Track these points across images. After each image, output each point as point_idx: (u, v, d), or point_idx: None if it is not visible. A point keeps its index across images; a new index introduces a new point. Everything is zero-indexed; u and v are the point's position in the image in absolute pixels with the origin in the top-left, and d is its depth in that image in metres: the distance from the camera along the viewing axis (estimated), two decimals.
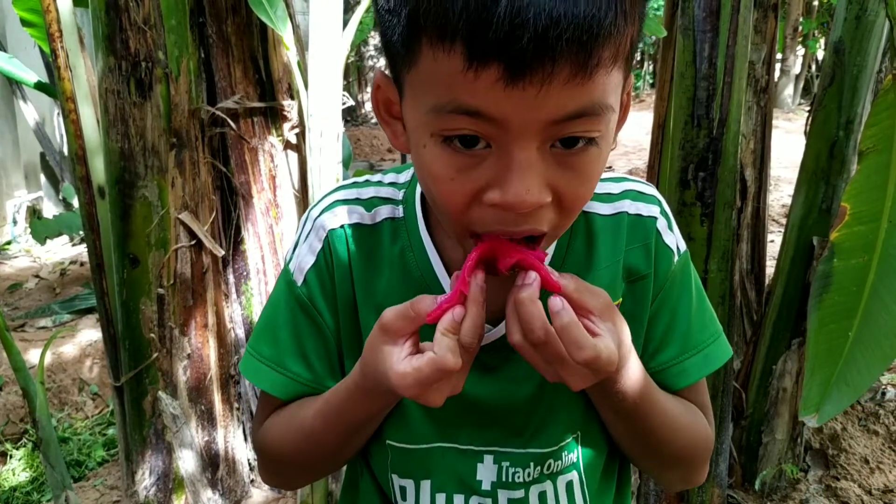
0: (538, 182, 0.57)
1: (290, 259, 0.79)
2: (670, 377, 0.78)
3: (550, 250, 0.73)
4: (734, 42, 1.47)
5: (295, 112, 1.93)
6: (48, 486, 2.72)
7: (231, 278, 2.00)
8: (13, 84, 4.77)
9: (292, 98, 1.94)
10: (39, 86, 4.10)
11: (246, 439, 2.13)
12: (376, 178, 0.81)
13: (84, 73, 1.90)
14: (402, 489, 0.79)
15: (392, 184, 0.79)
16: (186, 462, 1.97)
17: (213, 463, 2.04)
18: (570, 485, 0.79)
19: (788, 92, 11.58)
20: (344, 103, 1.76)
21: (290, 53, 1.78)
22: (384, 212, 0.77)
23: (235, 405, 2.08)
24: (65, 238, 5.04)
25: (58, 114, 4.74)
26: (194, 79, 1.80)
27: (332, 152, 1.77)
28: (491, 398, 0.75)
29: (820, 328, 1.61)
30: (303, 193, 2.01)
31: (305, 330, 0.78)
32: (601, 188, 0.77)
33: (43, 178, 5.17)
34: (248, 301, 2.02)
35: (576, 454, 0.78)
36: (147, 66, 1.73)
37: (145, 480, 1.99)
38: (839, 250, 1.63)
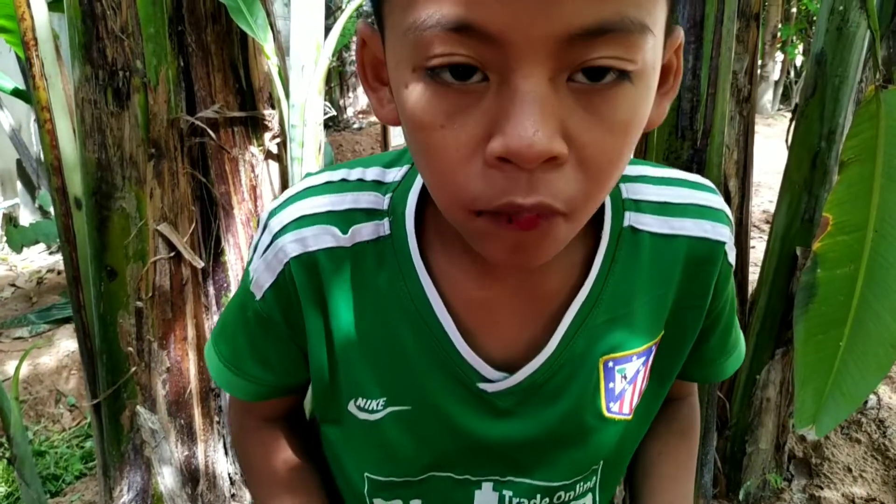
0: (549, 123, 0.43)
1: (250, 264, 0.69)
2: (708, 375, 0.77)
3: (585, 289, 0.62)
4: (718, 53, 1.46)
5: (276, 121, 1.90)
6: (24, 503, 2.67)
7: (211, 290, 1.97)
8: None
9: (273, 107, 1.92)
10: (16, 92, 4.05)
11: (227, 453, 2.10)
12: (355, 174, 0.66)
13: (60, 83, 1.86)
14: None
15: (375, 184, 0.65)
16: (166, 478, 1.94)
17: (194, 478, 2.00)
18: None
19: (768, 97, 11.68)
20: (326, 113, 1.74)
21: (271, 62, 1.76)
22: (365, 232, 0.63)
23: (216, 419, 2.05)
24: (41, 246, 4.97)
25: (35, 120, 4.67)
26: (173, 88, 1.77)
27: (313, 163, 1.76)
28: (500, 439, 0.67)
29: (808, 338, 1.61)
30: None
31: (262, 339, 0.71)
32: (657, 194, 0.64)
33: (19, 185, 5.09)
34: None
35: (594, 481, 0.72)
36: (125, 75, 1.70)
37: (124, 496, 1.95)
38: (823, 260, 1.64)
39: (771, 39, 10.62)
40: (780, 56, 12.09)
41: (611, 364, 0.65)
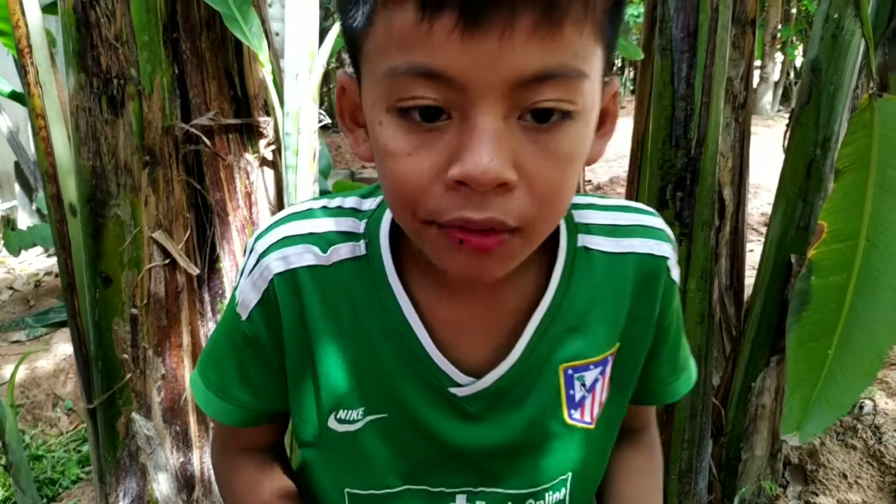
0: (502, 154, 0.51)
1: (237, 287, 0.74)
2: (660, 395, 0.81)
3: (546, 300, 0.68)
4: (712, 62, 1.46)
5: (271, 129, 1.90)
6: None
7: (206, 297, 1.97)
8: None
9: (268, 114, 1.92)
10: (14, 95, 4.05)
11: None
12: (335, 202, 0.73)
13: (55, 90, 1.86)
14: None
15: (353, 211, 0.71)
16: (161, 484, 1.94)
17: (189, 485, 2.01)
18: None
19: (767, 99, 11.69)
20: (320, 121, 1.74)
21: (266, 70, 1.76)
22: (343, 251, 0.69)
23: (211, 426, 2.05)
24: (39, 249, 4.98)
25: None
26: (168, 95, 1.77)
27: (308, 170, 1.76)
28: (470, 445, 0.71)
29: (799, 346, 1.61)
30: (279, 210, 1.99)
31: (249, 361, 0.75)
32: (605, 218, 0.72)
33: (17, 187, 5.09)
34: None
35: (564, 492, 0.75)
36: (119, 83, 1.70)
37: (120, 503, 1.95)
38: (817, 268, 1.64)
39: (771, 40, 10.63)
40: (779, 57, 12.10)
41: (570, 371, 0.71)
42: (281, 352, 0.72)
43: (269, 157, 1.96)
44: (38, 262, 4.84)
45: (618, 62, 14.14)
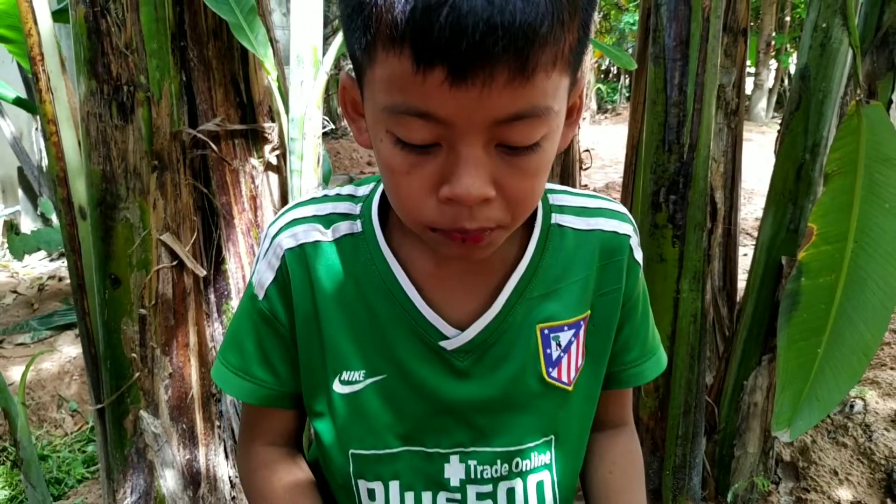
0: (483, 177, 0.62)
1: (253, 273, 0.84)
2: (630, 377, 0.89)
3: (523, 265, 0.79)
4: (703, 70, 1.52)
5: (276, 134, 1.95)
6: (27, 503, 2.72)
7: (212, 298, 2.02)
8: None
9: (273, 120, 1.97)
10: (18, 101, 4.10)
11: (227, 457, 2.14)
12: (334, 192, 0.85)
13: (65, 96, 1.91)
14: (371, 491, 0.83)
15: (350, 197, 0.83)
16: (168, 481, 1.98)
17: (195, 481, 2.05)
18: (540, 484, 0.84)
19: (762, 105, 11.75)
20: (324, 126, 1.79)
21: (271, 77, 1.81)
22: (343, 228, 0.80)
23: (217, 423, 2.09)
24: (42, 253, 5.02)
25: (36, 129, 4.72)
26: (176, 102, 1.82)
27: (312, 175, 1.81)
28: (460, 400, 0.79)
29: (790, 345, 1.66)
30: None
31: (268, 340, 0.83)
32: (576, 202, 0.84)
33: (20, 192, 5.14)
34: (230, 320, 2.04)
35: (549, 456, 0.83)
36: (129, 89, 1.75)
37: (126, 499, 1.99)
38: (807, 269, 1.69)
39: (765, 48, 10.70)
40: (774, 64, 12.17)
41: (546, 331, 0.80)
42: (293, 326, 0.81)
43: (274, 161, 2.01)
44: (41, 266, 4.88)
45: (613, 69, 14.21)
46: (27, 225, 5.18)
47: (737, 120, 2.09)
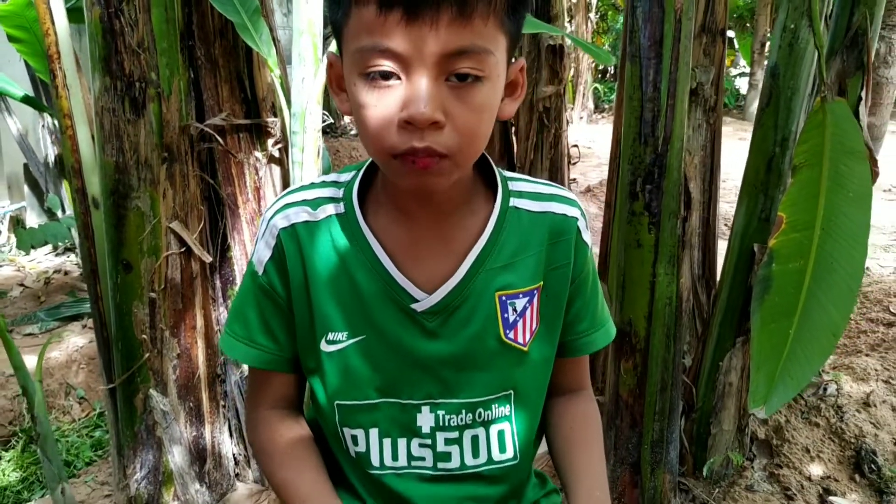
0: (433, 102, 0.74)
1: (252, 254, 0.96)
2: (581, 346, 1.02)
3: (483, 240, 0.91)
4: (676, 68, 1.63)
5: (278, 128, 2.07)
6: (37, 485, 2.83)
7: (218, 283, 2.13)
8: None
9: (275, 115, 2.09)
10: (26, 99, 4.21)
11: (231, 435, 2.26)
12: (320, 180, 0.98)
13: (80, 92, 2.03)
14: (354, 437, 0.96)
15: (334, 183, 0.95)
16: (176, 456, 2.10)
17: (201, 457, 2.16)
18: (501, 433, 0.97)
19: (757, 105, 11.84)
20: (324, 121, 1.91)
21: (274, 74, 1.93)
22: (328, 209, 0.92)
23: (221, 403, 2.21)
24: (48, 248, 5.13)
25: (43, 126, 4.82)
26: (184, 97, 1.93)
27: (313, 166, 1.92)
28: (430, 356, 0.92)
29: (763, 327, 1.76)
30: None
31: (268, 310, 0.95)
32: (531, 188, 0.97)
33: (26, 188, 5.24)
34: (234, 298, 2.16)
35: (508, 409, 0.96)
36: (140, 85, 1.86)
37: (136, 474, 2.10)
38: (777, 256, 1.79)
39: (760, 48, 10.82)
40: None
41: (504, 298, 0.92)
42: (289, 297, 0.94)
43: (276, 154, 2.13)
44: (46, 260, 4.99)
45: (610, 69, 14.32)
46: (32, 220, 5.28)
47: (715, 116, 2.21)
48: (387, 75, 0.75)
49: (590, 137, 9.62)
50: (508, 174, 0.98)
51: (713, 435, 2.10)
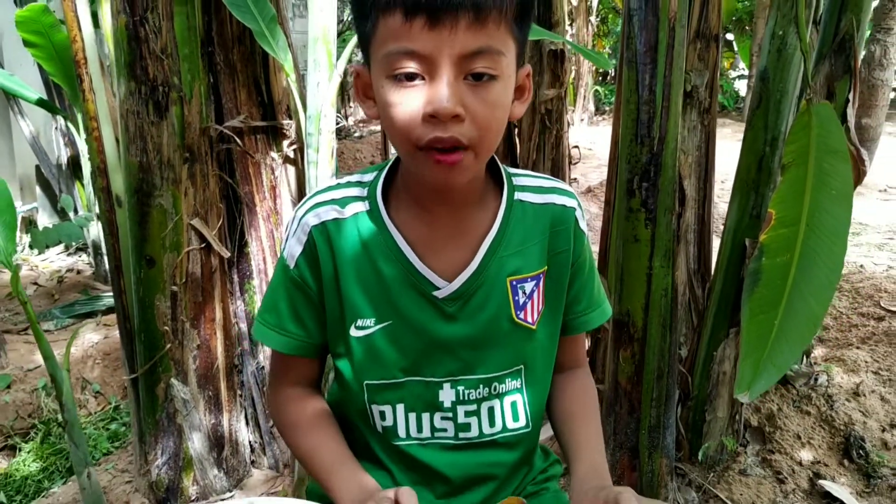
0: (453, 98, 0.83)
1: (284, 248, 1.04)
2: (580, 324, 1.12)
3: (494, 231, 1.01)
4: (670, 72, 1.73)
5: (293, 130, 2.17)
6: (57, 475, 2.93)
7: (236, 278, 2.24)
8: (10, 100, 4.98)
9: (290, 118, 2.19)
10: (40, 102, 4.32)
11: (247, 423, 2.36)
12: (345, 180, 1.06)
13: (105, 96, 2.13)
14: (381, 413, 1.05)
15: (358, 183, 1.04)
16: (195, 443, 2.20)
17: (219, 444, 2.27)
18: (514, 404, 1.07)
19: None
20: (338, 123, 2.01)
21: (290, 79, 2.03)
22: (355, 207, 1.01)
23: (238, 392, 2.31)
24: (60, 248, 5.24)
25: (56, 128, 4.93)
26: (205, 101, 2.04)
27: (327, 166, 2.02)
28: (450, 338, 1.01)
29: (751, 318, 1.85)
30: (300, 202, 2.27)
31: (299, 301, 1.04)
32: (533, 182, 1.07)
33: (38, 189, 5.35)
34: (251, 298, 2.26)
35: (520, 382, 1.06)
36: (164, 89, 1.97)
37: (158, 460, 2.21)
38: (767, 250, 1.89)
39: (758, 50, 10.92)
40: None
41: (514, 282, 1.02)
42: (320, 289, 1.02)
43: (291, 155, 2.24)
44: (59, 259, 5.10)
45: (611, 72, 14.42)
46: (44, 221, 5.39)
47: (709, 118, 2.31)
48: (412, 76, 0.84)
49: (590, 139, 9.72)
50: (512, 170, 1.08)
51: (708, 422, 2.20)
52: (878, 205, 6.04)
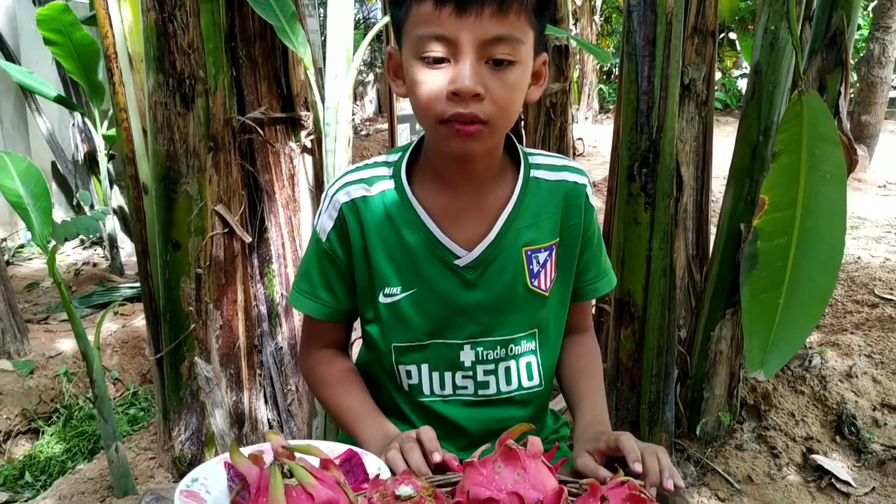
0: (475, 78, 0.93)
1: (317, 224, 1.15)
2: (588, 292, 1.23)
3: (511, 205, 1.10)
4: (668, 65, 1.84)
5: (311, 121, 2.29)
6: (80, 455, 3.05)
7: (256, 262, 2.35)
8: (27, 97, 5.11)
9: (308, 110, 2.30)
10: (59, 99, 4.45)
11: (266, 402, 2.47)
12: (372, 161, 1.16)
13: (133, 89, 2.25)
14: (408, 372, 1.16)
15: (384, 163, 1.13)
16: (217, 419, 2.31)
17: (239, 421, 2.38)
18: (528, 365, 1.17)
19: None
20: (354, 114, 2.13)
21: (309, 72, 2.14)
22: (381, 185, 1.11)
23: (258, 371, 2.42)
24: (75, 242, 5.37)
25: (73, 124, 5.05)
26: (228, 93, 2.15)
27: (343, 154, 2.13)
28: (470, 303, 1.11)
29: (752, 299, 1.94)
30: (317, 190, 2.38)
31: (329, 271, 1.14)
32: (547, 160, 1.16)
33: (54, 185, 5.48)
34: (270, 281, 2.37)
35: (534, 344, 1.17)
36: (190, 82, 2.08)
37: (181, 436, 2.32)
38: (762, 234, 1.98)
39: None
40: None
41: (529, 252, 1.12)
42: (350, 260, 1.13)
43: (309, 145, 2.35)
44: (75, 253, 5.23)
45: (615, 71, 14.53)
46: (59, 216, 5.52)
47: (707, 109, 2.42)
48: (439, 60, 0.94)
49: (595, 137, 9.83)
50: (528, 150, 1.17)
51: (706, 399, 2.31)
52: (878, 200, 6.14)
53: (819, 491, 2.20)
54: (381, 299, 1.12)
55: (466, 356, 1.13)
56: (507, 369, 1.15)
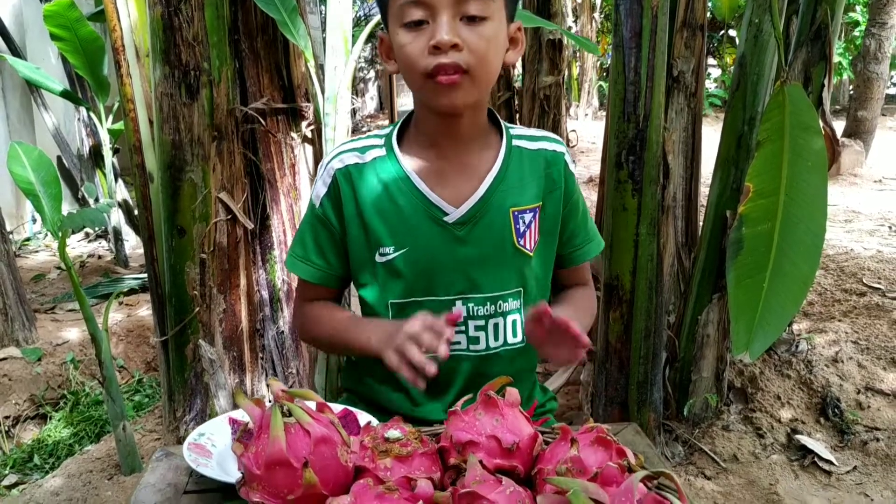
0: (451, 31, 1.03)
1: (312, 191, 1.23)
2: (579, 256, 1.31)
3: (496, 167, 1.19)
4: (653, 56, 1.92)
5: (311, 112, 2.36)
6: (86, 439, 3.13)
7: (258, 248, 2.43)
8: (33, 92, 5.19)
9: (308, 101, 2.38)
10: (65, 93, 4.52)
11: (268, 387, 2.55)
12: (366, 135, 1.24)
13: (140, 81, 2.33)
14: None
15: (376, 135, 1.22)
16: (221, 401, 2.39)
17: None
18: (514, 322, 1.25)
19: None
20: (354, 108, 2.20)
21: (310, 64, 2.22)
22: (374, 153, 1.19)
23: (260, 355, 2.50)
24: (80, 235, 5.46)
25: (78, 119, 5.13)
26: (231, 84, 2.23)
27: None
28: (461, 259, 1.19)
29: (738, 283, 2.01)
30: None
31: (322, 236, 1.22)
32: (526, 132, 1.26)
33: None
34: (272, 267, 2.45)
35: (519, 303, 1.24)
36: (195, 74, 2.15)
37: (186, 416, 2.40)
38: (747, 220, 2.05)
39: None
40: None
41: (515, 213, 1.20)
42: (342, 225, 1.20)
43: (309, 135, 2.43)
44: (80, 246, 5.32)
45: None
46: (65, 209, 5.59)
47: (695, 101, 2.49)
48: (419, 22, 1.05)
49: (594, 133, 9.88)
50: (508, 125, 1.26)
51: (693, 381, 2.39)
52: (873, 195, 6.21)
53: (802, 469, 2.27)
54: (377, 259, 1.20)
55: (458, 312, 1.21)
56: (496, 326, 1.23)
